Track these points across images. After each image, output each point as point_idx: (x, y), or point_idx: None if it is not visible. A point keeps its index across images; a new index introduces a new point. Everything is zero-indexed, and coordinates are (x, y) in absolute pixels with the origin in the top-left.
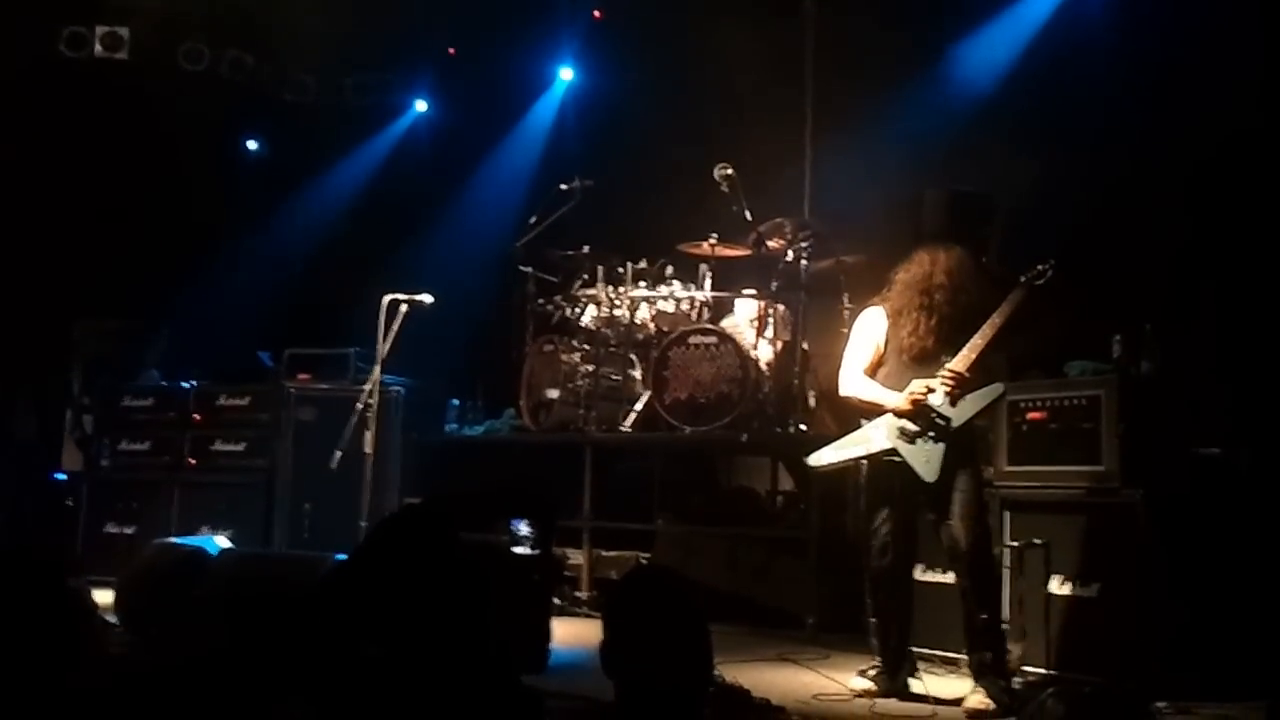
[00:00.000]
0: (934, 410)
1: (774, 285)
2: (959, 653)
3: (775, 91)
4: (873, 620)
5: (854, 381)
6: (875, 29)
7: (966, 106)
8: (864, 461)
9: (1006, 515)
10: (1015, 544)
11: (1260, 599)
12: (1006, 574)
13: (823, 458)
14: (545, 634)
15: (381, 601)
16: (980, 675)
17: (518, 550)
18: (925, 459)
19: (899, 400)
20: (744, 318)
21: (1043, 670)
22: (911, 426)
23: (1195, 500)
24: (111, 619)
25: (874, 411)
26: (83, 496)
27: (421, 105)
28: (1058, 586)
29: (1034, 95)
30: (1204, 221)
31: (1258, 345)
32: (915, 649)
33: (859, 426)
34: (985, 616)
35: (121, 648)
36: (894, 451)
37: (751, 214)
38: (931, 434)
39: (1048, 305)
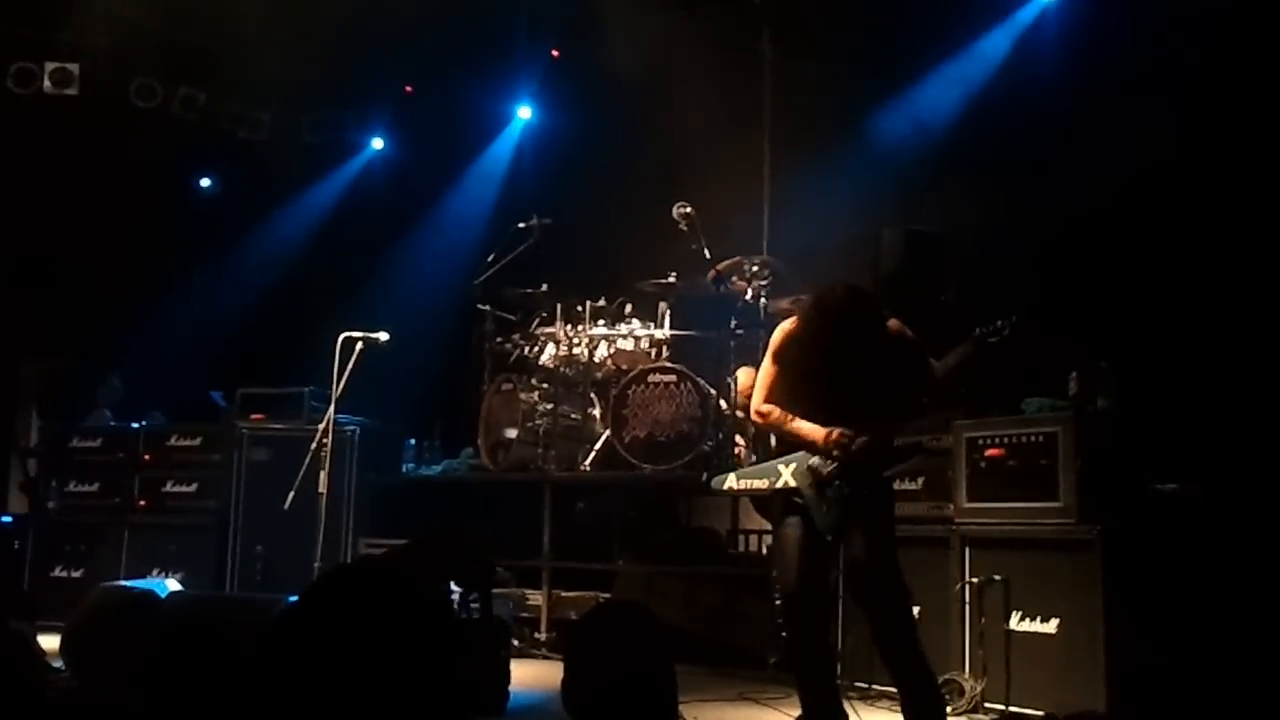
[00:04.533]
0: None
1: (733, 324)
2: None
3: (733, 131)
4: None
5: (767, 408)
6: (832, 71)
7: (923, 147)
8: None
9: (967, 551)
10: (975, 580)
11: (1217, 633)
12: (966, 610)
13: (724, 482)
14: (504, 677)
15: (326, 648)
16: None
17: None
18: (825, 509)
19: (819, 434)
20: None
21: (1002, 706)
22: (822, 470)
23: (1152, 535)
24: (57, 663)
25: (789, 440)
26: (29, 540)
27: (378, 143)
28: (1017, 622)
29: (989, 136)
30: (1158, 259)
31: (1212, 381)
32: (859, 684)
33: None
34: (901, 650)
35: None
36: (797, 492)
37: (710, 252)
38: (838, 484)
39: (996, 362)
